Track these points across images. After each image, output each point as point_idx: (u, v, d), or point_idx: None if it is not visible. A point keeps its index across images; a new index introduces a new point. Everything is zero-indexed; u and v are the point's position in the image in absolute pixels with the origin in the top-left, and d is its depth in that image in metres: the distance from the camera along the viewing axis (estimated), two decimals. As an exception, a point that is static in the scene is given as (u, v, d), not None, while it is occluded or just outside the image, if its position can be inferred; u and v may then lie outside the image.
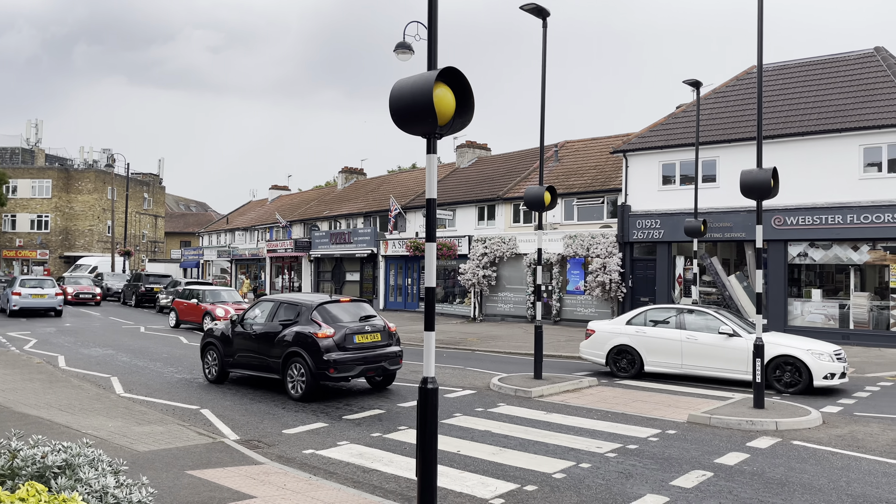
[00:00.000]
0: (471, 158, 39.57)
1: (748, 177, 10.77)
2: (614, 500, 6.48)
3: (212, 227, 62.24)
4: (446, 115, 5.11)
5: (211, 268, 56.19)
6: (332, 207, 44.36)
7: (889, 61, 23.16)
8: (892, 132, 20.52)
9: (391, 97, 5.17)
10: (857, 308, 21.33)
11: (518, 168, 33.96)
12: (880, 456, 8.23)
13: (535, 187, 13.05)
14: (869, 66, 23.41)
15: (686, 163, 24.17)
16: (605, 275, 25.41)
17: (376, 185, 44.90)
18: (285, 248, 43.04)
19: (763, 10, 11.22)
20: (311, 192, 55.73)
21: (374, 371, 11.80)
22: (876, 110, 21.25)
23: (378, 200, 40.33)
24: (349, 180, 49.67)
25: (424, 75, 5.05)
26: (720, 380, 13.55)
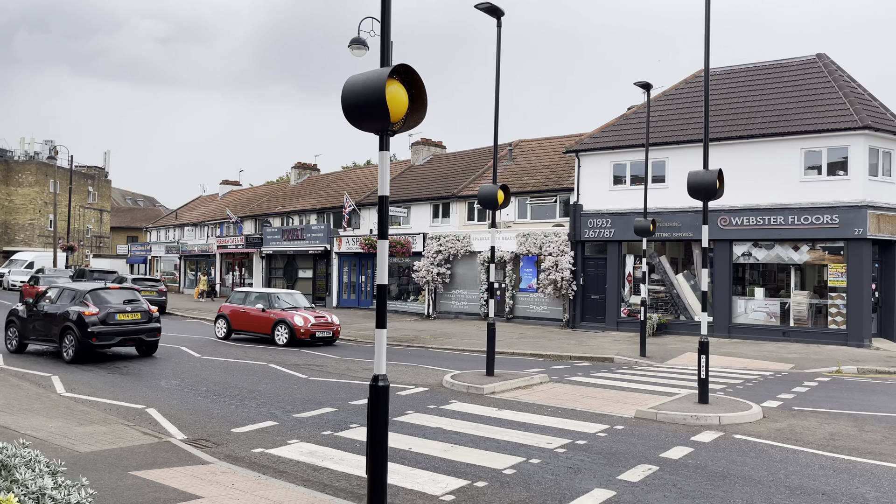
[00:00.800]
0: (426, 156, 39.57)
1: (695, 178, 11.04)
2: (563, 494, 6.58)
3: (160, 222, 60.79)
4: (399, 113, 5.10)
5: (159, 264, 54.90)
6: (285, 203, 43.81)
7: (830, 68, 24.02)
8: (831, 136, 21.29)
9: (343, 93, 5.14)
10: (797, 306, 22.10)
11: (473, 166, 34.11)
12: (817, 449, 8.54)
13: (488, 186, 13.13)
14: (811, 72, 24.24)
15: (636, 163, 24.65)
16: (557, 273, 25.73)
17: (330, 182, 44.52)
18: (236, 245, 42.34)
19: (710, 16, 11.51)
20: (263, 188, 54.92)
21: (132, 342, 15.54)
22: (817, 115, 22.02)
23: (332, 197, 40.00)
24: (302, 176, 49.13)
25: (377, 72, 5.04)
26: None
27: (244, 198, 52.26)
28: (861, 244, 20.78)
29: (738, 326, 22.73)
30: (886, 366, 17.00)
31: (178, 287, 50.82)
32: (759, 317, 22.62)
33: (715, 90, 25.10)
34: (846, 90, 22.45)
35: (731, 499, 6.52)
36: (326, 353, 17.84)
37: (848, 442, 8.92)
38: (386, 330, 5.48)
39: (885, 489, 6.90)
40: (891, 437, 9.21)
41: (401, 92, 5.09)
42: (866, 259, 20.84)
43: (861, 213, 20.60)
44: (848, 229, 20.74)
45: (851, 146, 21.03)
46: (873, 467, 7.72)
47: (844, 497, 6.62)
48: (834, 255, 21.40)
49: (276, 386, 12.48)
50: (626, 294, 25.26)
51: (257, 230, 43.95)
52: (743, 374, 15.59)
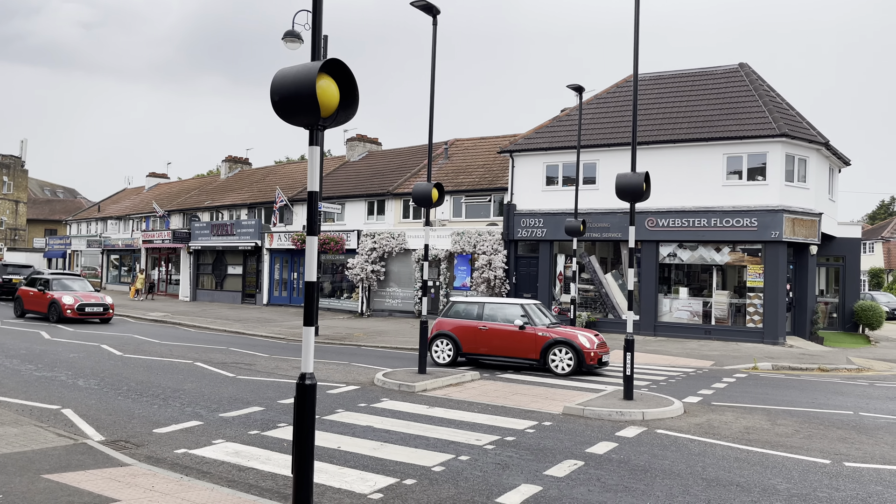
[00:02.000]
0: (361, 152, 39.28)
1: (623, 180, 11.33)
2: (490, 490, 6.65)
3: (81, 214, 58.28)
4: (330, 108, 5.05)
5: (80, 258, 52.63)
6: (215, 197, 42.70)
7: (751, 77, 25.07)
8: (751, 143, 22.24)
9: (273, 86, 5.05)
10: (718, 305, 23.00)
11: (409, 164, 34.06)
12: (733, 442, 8.91)
13: (423, 184, 13.14)
14: (734, 80, 25.25)
15: (568, 165, 25.13)
16: (491, 271, 25.98)
17: (262, 176, 43.65)
18: (163, 239, 41.01)
19: (639, 25, 11.82)
20: (191, 181, 53.36)
21: None
22: (738, 122, 22.96)
23: (264, 191, 39.23)
24: (233, 170, 47.98)
25: (308, 66, 4.96)
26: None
27: (172, 191, 50.67)
28: (777, 246, 21.79)
29: (663, 325, 23.48)
30: (799, 362, 17.88)
31: (100, 283, 48.82)
32: (683, 315, 23.44)
33: (644, 95, 25.84)
34: (766, 99, 23.48)
35: (652, 491, 6.73)
36: (255, 352, 17.49)
37: (762, 435, 9.34)
38: (315, 328, 5.40)
39: (795, 480, 7.25)
40: (801, 431, 9.68)
41: (332, 87, 5.03)
42: (782, 261, 21.87)
43: (778, 217, 21.59)
44: (765, 232, 21.71)
45: (770, 153, 22.02)
46: (784, 459, 8.10)
47: (757, 488, 6.93)
48: (752, 257, 22.36)
49: (202, 385, 12.16)
50: (557, 293, 25.73)
51: (185, 225, 42.69)
52: (667, 370, 16.11)
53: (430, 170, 13.62)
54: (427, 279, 14.19)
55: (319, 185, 21.33)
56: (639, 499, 6.50)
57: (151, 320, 26.73)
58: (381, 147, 40.44)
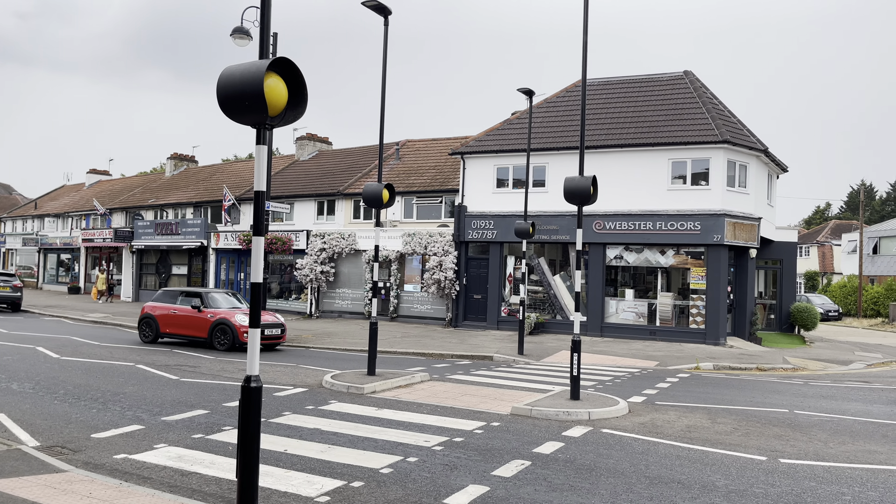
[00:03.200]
0: (311, 151, 38.88)
1: (571, 183, 11.51)
2: (438, 492, 6.66)
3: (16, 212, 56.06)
4: (278, 107, 4.99)
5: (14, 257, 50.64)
6: (159, 196, 41.64)
7: (696, 84, 25.77)
8: (695, 149, 22.86)
9: (219, 84, 4.96)
10: (662, 307, 23.55)
11: (360, 164, 33.87)
12: (675, 441, 9.13)
13: (373, 184, 13.09)
14: (679, 87, 25.91)
15: (518, 167, 25.38)
16: (442, 273, 26.04)
17: (209, 174, 42.77)
18: (104, 238, 39.79)
19: (588, 29, 12.02)
20: (135, 179, 51.93)
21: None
22: (683, 128, 23.56)
23: (210, 190, 38.45)
24: (179, 167, 46.89)
25: (255, 63, 4.90)
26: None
27: (114, 189, 49.20)
28: (719, 250, 22.45)
29: (609, 326, 23.92)
30: (738, 362, 18.45)
31: (36, 283, 47.08)
32: (629, 317, 23.92)
33: (592, 100, 26.28)
34: (709, 106, 24.17)
35: (597, 490, 6.85)
36: (199, 354, 17.13)
37: (702, 433, 9.60)
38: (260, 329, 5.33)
39: (733, 476, 7.48)
40: (740, 429, 9.99)
41: (280, 85, 4.97)
42: (723, 263, 22.53)
43: (720, 221, 22.25)
44: (708, 235, 22.34)
45: (713, 158, 22.67)
46: (723, 456, 8.35)
47: (697, 485, 7.12)
48: (696, 260, 22.98)
49: (144, 388, 11.84)
50: (507, 294, 25.96)
51: (128, 223, 41.52)
52: (613, 370, 16.42)
53: (380, 170, 13.58)
54: (377, 280, 14.14)
55: (269, 184, 21.04)
56: (584, 497, 6.61)
57: (91, 321, 25.90)
58: (332, 146, 40.10)
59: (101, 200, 44.86)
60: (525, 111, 26.84)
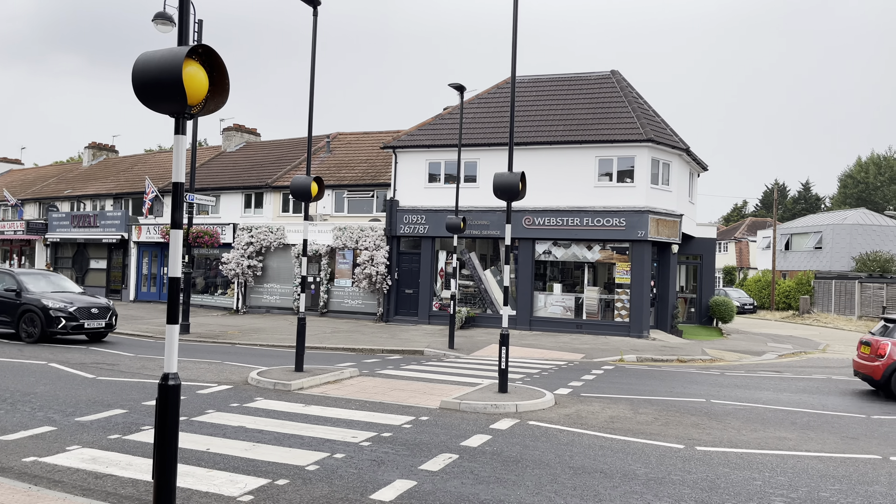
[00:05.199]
0: (238, 143, 37.94)
1: (500, 179, 11.62)
2: (365, 487, 6.62)
3: (-82, 201, 52.46)
4: (198, 95, 4.82)
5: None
6: (76, 186, 39.80)
7: (622, 84, 26.44)
8: (621, 147, 23.47)
9: (135, 71, 4.76)
10: (589, 301, 24.12)
11: (289, 156, 33.28)
12: (599, 431, 9.37)
13: (302, 177, 12.86)
14: (606, 86, 26.53)
15: (450, 162, 25.46)
16: (373, 267, 25.89)
17: (130, 165, 41.17)
18: (15, 230, 37.76)
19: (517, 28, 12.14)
20: (49, 168, 49.46)
21: None
22: (610, 126, 24.15)
23: (132, 181, 37.02)
24: (97, 157, 44.92)
25: (174, 50, 4.72)
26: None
27: (27, 179, 46.73)
28: (643, 245, 23.14)
29: (538, 319, 24.33)
30: (660, 354, 19.09)
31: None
32: (557, 310, 24.40)
33: (522, 97, 26.61)
34: (634, 105, 24.85)
35: (522, 482, 6.95)
36: (119, 351, 16.48)
37: (625, 424, 9.89)
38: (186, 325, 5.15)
39: (652, 465, 7.73)
40: (660, 419, 10.34)
41: (200, 74, 4.81)
42: (647, 259, 23.25)
43: (644, 217, 22.93)
44: (633, 231, 23.00)
45: (637, 156, 23.33)
46: (644, 446, 8.62)
47: (619, 474, 7.32)
48: (621, 255, 23.62)
49: (57, 387, 11.30)
50: (438, 289, 26.04)
51: (42, 215, 39.54)
52: (541, 363, 16.71)
53: (309, 163, 13.36)
54: (306, 275, 13.93)
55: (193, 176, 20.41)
56: (510, 489, 6.70)
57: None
58: (261, 138, 39.24)
59: (12, 191, 42.52)
60: (456, 107, 26.94)
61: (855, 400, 12.82)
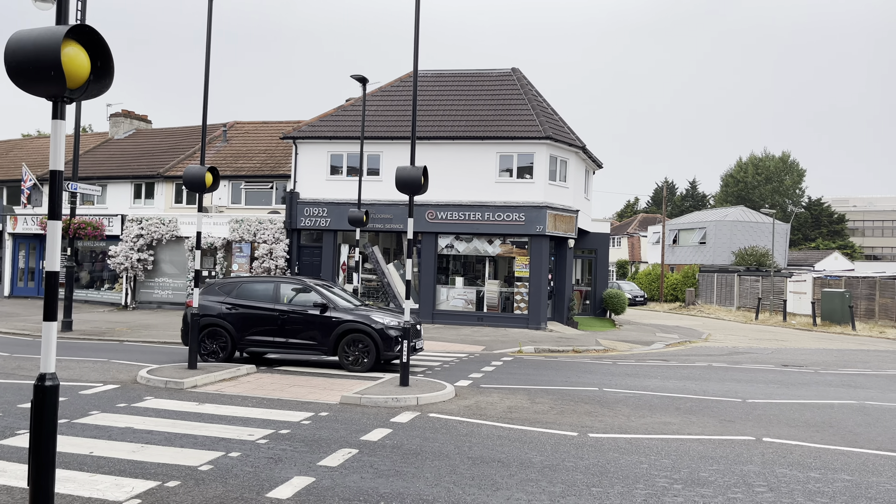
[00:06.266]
0: (128, 129, 36.02)
1: (402, 173, 11.62)
2: (261, 486, 6.47)
3: None
4: (78, 78, 4.53)
5: None
6: (-57, 172, 36.55)
7: (522, 82, 27.03)
8: (521, 144, 24.01)
9: (7, 51, 4.42)
10: (490, 294, 24.58)
11: (182, 144, 31.92)
12: (497, 422, 9.57)
13: (195, 167, 12.37)
14: (507, 84, 27.04)
15: (353, 155, 25.22)
16: (272, 261, 25.29)
17: (6, 150, 38.22)
18: None
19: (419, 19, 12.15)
20: (-88, 152, 45.09)
21: None
22: (510, 123, 24.65)
23: (7, 168, 34.41)
24: (-32, 141, 41.39)
25: (51, 29, 4.41)
26: None
27: None
28: (541, 240, 23.80)
29: (440, 312, 24.55)
30: (557, 345, 19.71)
31: None
32: (459, 303, 24.71)
33: (425, 92, 26.70)
34: (534, 103, 25.47)
35: (422, 474, 7.00)
36: (-7, 350, 15.32)
37: (522, 413, 10.15)
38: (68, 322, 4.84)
39: (547, 453, 7.98)
40: (556, 407, 10.68)
41: (81, 55, 4.52)
42: (545, 253, 23.92)
43: (542, 213, 23.57)
44: (532, 226, 23.60)
45: (536, 153, 23.94)
46: (540, 434, 8.88)
47: (516, 463, 7.51)
48: (520, 249, 24.20)
49: None
50: (341, 282, 25.75)
51: None
52: (442, 356, 16.86)
53: (203, 152, 12.86)
54: (201, 269, 13.42)
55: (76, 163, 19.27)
56: (409, 482, 6.73)
57: None
58: (152, 125, 37.42)
59: None
60: (359, 99, 26.69)
61: (733, 385, 13.71)
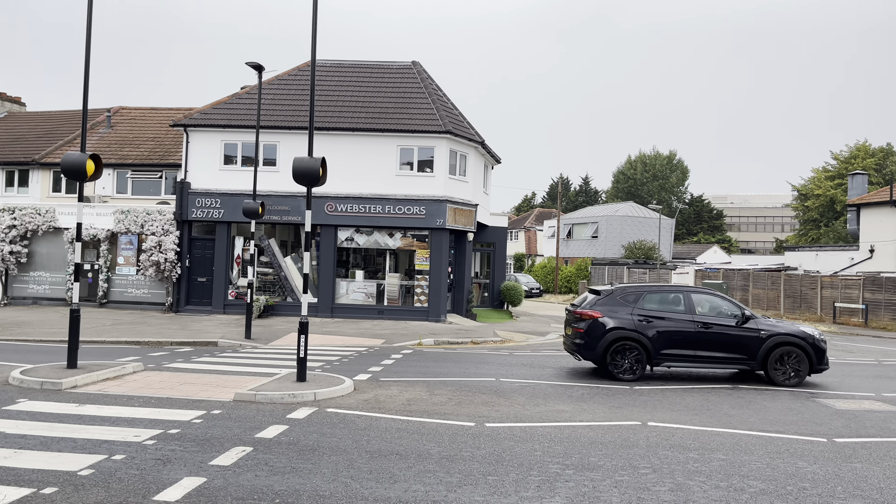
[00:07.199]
0: (-1, 112, 33.34)
1: (299, 164, 11.37)
2: (148, 489, 6.18)
3: None
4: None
5: None
6: None
7: (423, 75, 27.07)
8: (422, 137, 24.06)
9: None
10: (390, 287, 24.53)
11: (61, 130, 29.90)
12: (396, 414, 9.57)
13: (75, 153, 11.61)
14: (407, 76, 27.01)
15: (248, 144, 24.45)
16: (161, 254, 24.16)
17: None
18: None
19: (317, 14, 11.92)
20: None
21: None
22: (411, 116, 24.64)
23: None
24: None
25: None
26: None
27: None
28: (442, 233, 23.98)
29: (340, 306, 24.27)
30: (456, 337, 19.95)
31: None
32: (359, 297, 24.52)
33: (325, 82, 26.26)
34: (434, 97, 25.59)
35: (318, 469, 6.90)
36: None
37: (421, 406, 10.20)
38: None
39: (445, 444, 8.06)
40: (454, 399, 10.81)
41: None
42: (445, 246, 24.13)
43: (442, 206, 23.74)
44: (432, 220, 23.73)
45: (437, 147, 24.07)
46: (438, 426, 8.96)
47: (414, 455, 7.54)
48: (421, 242, 24.29)
49: None
50: (235, 276, 24.96)
51: None
52: (342, 350, 16.69)
53: (84, 137, 12.08)
54: (81, 262, 12.61)
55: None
56: (305, 478, 6.62)
57: None
58: (26, 108, 34.80)
59: None
60: (254, 87, 25.89)
61: (621, 373, 14.34)
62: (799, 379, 12.92)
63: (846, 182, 52.66)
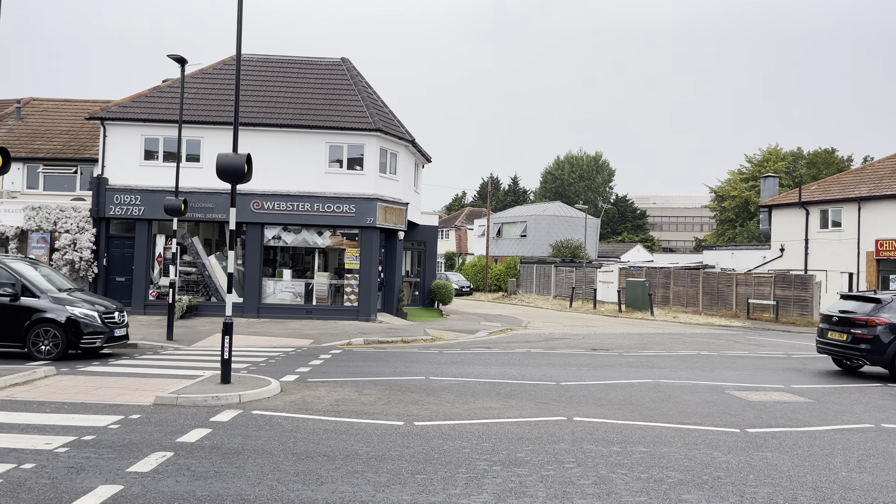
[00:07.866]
0: None
1: (224, 160, 11.07)
2: (60, 498, 5.88)
3: None
4: None
5: None
6: None
7: (353, 72, 26.83)
8: (351, 134, 23.85)
9: None
10: (319, 286, 24.22)
11: (-34, 121, 28.12)
12: (324, 415, 9.45)
13: (-20, 146, 10.94)
14: (337, 73, 26.71)
15: (170, 139, 23.66)
16: (76, 252, 23.10)
17: None
18: None
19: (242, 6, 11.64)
20: None
21: None
22: (340, 114, 24.39)
23: None
24: None
25: None
26: None
27: None
28: (372, 231, 23.84)
29: (267, 306, 23.79)
30: (386, 336, 19.87)
31: None
32: (287, 296, 24.10)
33: (251, 76, 25.68)
34: (364, 94, 25.40)
35: (243, 473, 6.74)
36: None
37: (350, 406, 10.11)
38: None
39: (374, 444, 8.01)
40: (383, 398, 10.76)
41: None
42: (375, 245, 24.00)
43: (373, 205, 23.60)
44: (362, 218, 23.56)
45: (367, 145, 23.91)
46: (367, 426, 8.89)
47: (342, 455, 7.46)
48: (351, 241, 24.08)
49: None
50: (156, 276, 24.11)
51: None
52: (268, 351, 16.37)
53: (-9, 130, 11.40)
54: (-13, 261, 11.91)
55: None
56: (229, 482, 6.45)
57: None
58: (-73, 97, 32.58)
59: None
60: (177, 80, 25.06)
61: (548, 370, 14.62)
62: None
63: (759, 184, 55.31)
